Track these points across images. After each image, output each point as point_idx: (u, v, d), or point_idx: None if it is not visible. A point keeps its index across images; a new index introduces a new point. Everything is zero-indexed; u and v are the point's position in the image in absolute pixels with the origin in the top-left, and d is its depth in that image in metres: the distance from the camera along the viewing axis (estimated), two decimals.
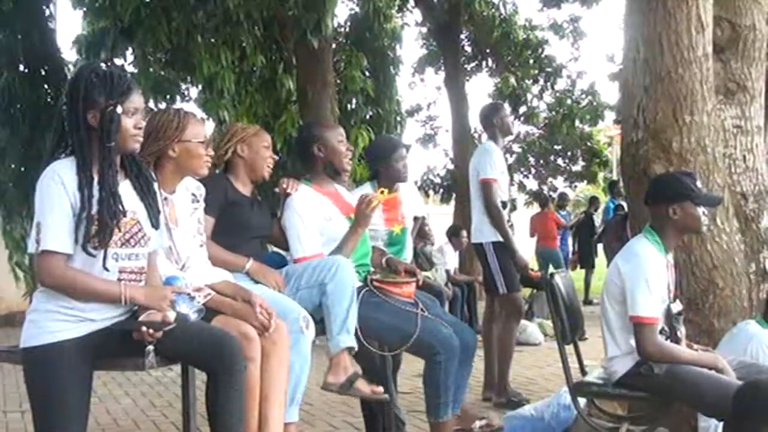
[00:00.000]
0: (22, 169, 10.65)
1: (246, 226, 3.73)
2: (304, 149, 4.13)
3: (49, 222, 2.57)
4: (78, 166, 2.63)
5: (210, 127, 9.37)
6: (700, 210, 3.67)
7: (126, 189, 2.77)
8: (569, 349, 4.01)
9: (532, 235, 14.34)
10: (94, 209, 2.61)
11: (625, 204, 8.45)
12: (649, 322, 3.53)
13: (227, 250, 3.60)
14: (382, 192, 4.07)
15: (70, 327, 2.67)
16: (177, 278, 3.03)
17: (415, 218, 4.88)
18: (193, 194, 3.39)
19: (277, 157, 3.93)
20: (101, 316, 2.72)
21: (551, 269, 4.91)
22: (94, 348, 2.72)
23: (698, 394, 3.49)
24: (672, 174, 3.90)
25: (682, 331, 3.76)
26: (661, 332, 3.59)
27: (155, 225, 2.84)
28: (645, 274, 3.57)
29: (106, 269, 2.68)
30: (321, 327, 3.61)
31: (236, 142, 3.78)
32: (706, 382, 3.47)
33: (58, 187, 2.58)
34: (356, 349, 3.62)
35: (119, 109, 2.64)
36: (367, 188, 4.51)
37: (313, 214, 3.91)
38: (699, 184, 3.74)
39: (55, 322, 2.66)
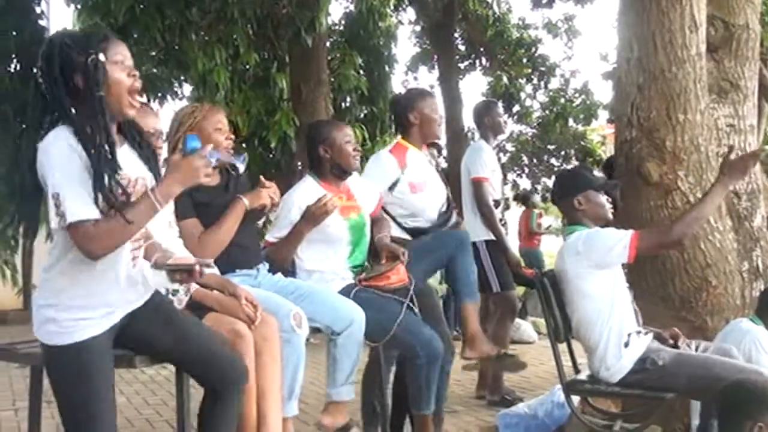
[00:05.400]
0: (14, 166, 10.61)
1: None
2: (311, 150, 4.09)
3: (69, 190, 2.34)
4: (74, 132, 2.41)
5: None
6: (603, 197, 3.83)
7: (129, 155, 2.58)
8: (562, 347, 4.02)
9: (520, 235, 14.30)
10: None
11: None
12: (638, 234, 3.59)
13: None
14: (340, 198, 4.01)
15: (93, 323, 2.51)
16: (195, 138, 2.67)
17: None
18: None
19: (233, 136, 3.69)
20: (121, 301, 2.58)
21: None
22: (116, 340, 2.62)
23: (710, 375, 3.49)
24: (570, 169, 4.03)
25: (635, 306, 3.84)
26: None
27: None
28: (597, 231, 3.71)
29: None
30: (316, 328, 3.62)
31: (185, 132, 3.47)
32: (716, 363, 3.53)
33: (70, 153, 2.37)
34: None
35: (101, 57, 2.43)
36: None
37: (293, 215, 3.89)
38: (596, 173, 3.95)
39: (79, 321, 2.48)
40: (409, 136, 4.46)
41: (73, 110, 2.43)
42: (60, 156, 2.36)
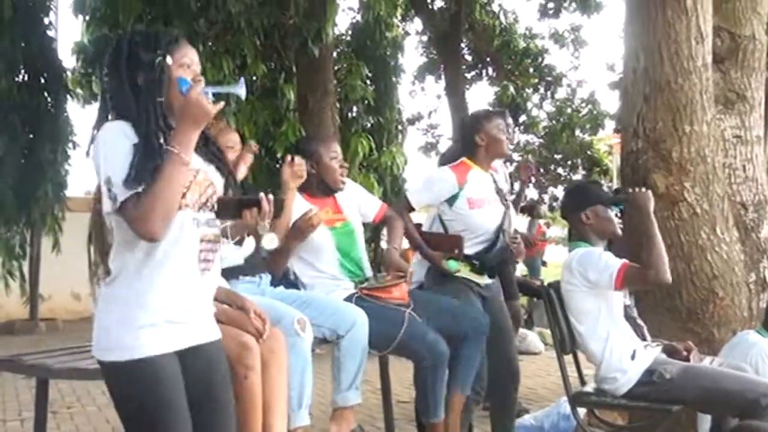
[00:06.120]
0: (21, 176, 10.66)
1: None
2: None
3: (119, 172, 2.20)
4: (135, 130, 2.29)
5: None
6: (611, 212, 3.82)
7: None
8: (568, 358, 4.01)
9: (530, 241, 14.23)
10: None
11: None
12: (627, 267, 3.57)
13: None
14: (326, 212, 4.00)
15: (157, 335, 2.27)
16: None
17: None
18: None
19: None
20: (181, 311, 2.32)
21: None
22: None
23: (718, 388, 3.48)
24: (580, 183, 4.01)
25: (640, 321, 3.83)
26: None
27: (231, 185, 2.48)
28: (590, 252, 3.71)
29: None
30: (322, 337, 3.62)
31: None
32: (725, 376, 3.54)
33: (122, 138, 2.25)
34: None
35: (169, 60, 2.32)
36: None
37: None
38: (606, 189, 3.88)
39: (141, 330, 2.26)
40: (474, 156, 4.37)
41: (129, 110, 2.30)
42: (112, 140, 2.26)
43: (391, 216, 4.27)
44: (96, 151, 2.27)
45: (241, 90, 2.39)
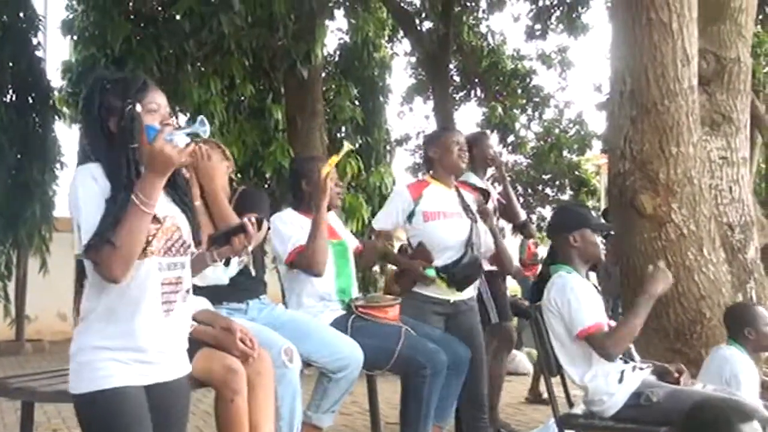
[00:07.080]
0: (9, 196, 10.62)
1: None
2: (293, 184, 4.16)
3: (86, 217, 2.29)
4: (105, 173, 2.37)
5: None
6: (598, 238, 3.83)
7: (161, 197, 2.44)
8: (556, 380, 4.00)
9: (522, 263, 14.26)
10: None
11: None
12: (596, 330, 3.57)
13: None
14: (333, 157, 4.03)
15: (127, 369, 2.34)
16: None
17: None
18: None
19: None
20: (153, 349, 2.40)
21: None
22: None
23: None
24: (569, 205, 4.02)
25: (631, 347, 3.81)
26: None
27: (196, 236, 2.56)
28: (571, 289, 3.68)
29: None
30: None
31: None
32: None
33: (91, 183, 2.34)
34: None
35: (138, 107, 2.40)
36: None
37: (295, 228, 3.96)
38: (594, 214, 3.92)
39: (110, 362, 2.33)
40: (434, 171, 4.44)
41: (101, 154, 2.40)
42: (83, 186, 2.35)
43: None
44: (69, 196, 2.37)
45: (203, 128, 2.42)
